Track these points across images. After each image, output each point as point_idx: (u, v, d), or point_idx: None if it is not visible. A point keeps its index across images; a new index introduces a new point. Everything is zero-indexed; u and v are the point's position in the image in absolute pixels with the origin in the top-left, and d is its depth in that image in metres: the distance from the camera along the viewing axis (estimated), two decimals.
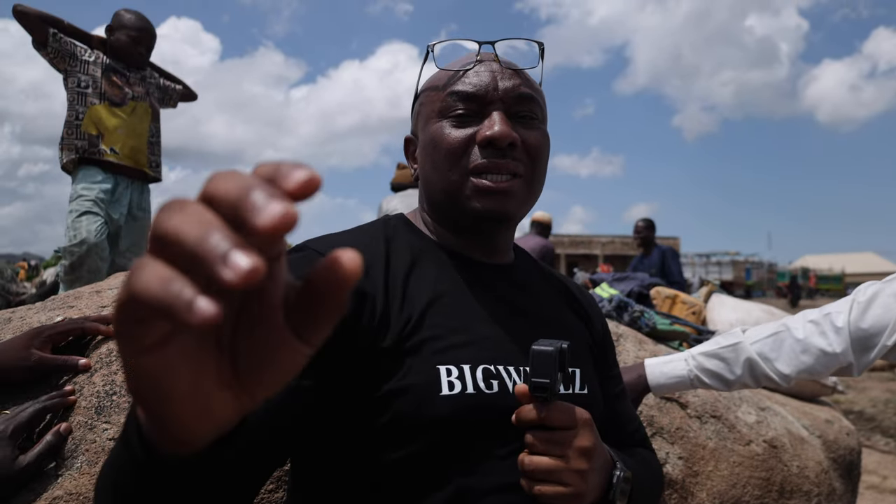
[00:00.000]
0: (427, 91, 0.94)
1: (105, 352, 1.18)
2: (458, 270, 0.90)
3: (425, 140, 0.91)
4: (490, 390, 0.79)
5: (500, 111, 0.87)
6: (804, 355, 1.29)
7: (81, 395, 1.10)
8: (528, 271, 1.01)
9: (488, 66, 0.90)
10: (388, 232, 0.91)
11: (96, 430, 1.05)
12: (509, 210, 0.87)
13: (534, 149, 0.89)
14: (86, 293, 1.48)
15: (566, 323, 0.99)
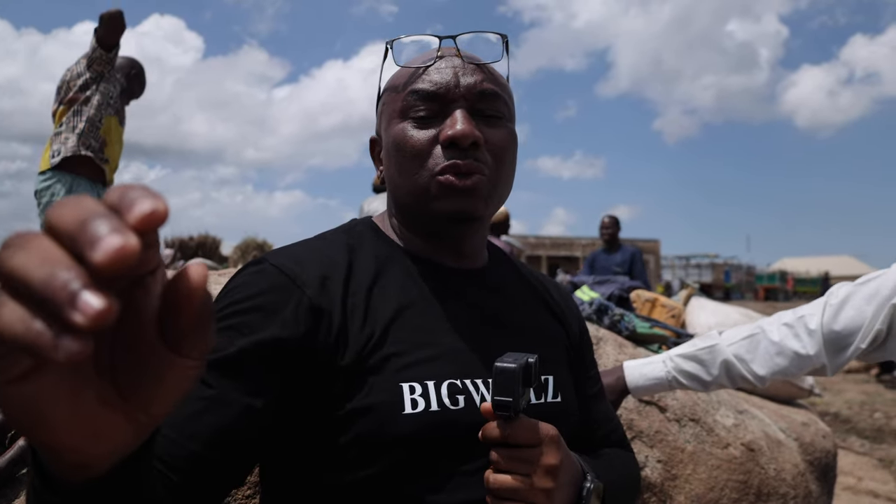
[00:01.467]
0: (388, 91, 0.91)
1: None
2: (426, 278, 0.87)
3: (389, 142, 0.88)
4: (455, 406, 0.78)
5: (462, 109, 0.83)
6: (779, 357, 1.32)
7: None
8: (501, 274, 0.98)
9: (450, 61, 0.87)
10: (351, 240, 0.88)
11: None
12: (475, 209, 0.84)
13: (498, 148, 0.86)
14: None
15: (541, 326, 0.97)
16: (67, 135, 3.34)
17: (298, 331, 0.75)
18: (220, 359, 0.71)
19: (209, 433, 0.69)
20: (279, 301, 0.76)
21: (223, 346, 0.73)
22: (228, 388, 0.70)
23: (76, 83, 3.41)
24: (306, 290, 0.77)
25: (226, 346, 0.73)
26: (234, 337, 0.73)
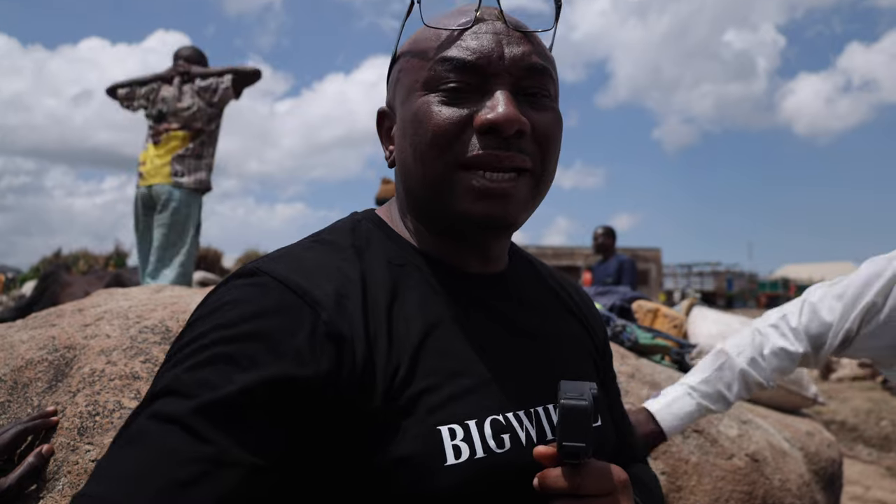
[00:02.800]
0: (411, 54, 0.75)
1: (87, 372, 1.17)
2: (448, 289, 0.74)
3: (406, 117, 0.73)
4: (502, 448, 0.65)
5: (505, 88, 0.69)
6: (775, 358, 1.38)
7: (64, 416, 1.09)
8: (523, 276, 0.86)
9: (491, 26, 0.71)
10: (357, 241, 0.75)
11: (79, 452, 1.04)
12: (510, 216, 0.71)
13: (545, 137, 0.72)
14: (68, 311, 1.47)
15: (572, 337, 0.85)
16: (197, 163, 3.83)
17: (317, 366, 0.59)
18: (214, 401, 0.55)
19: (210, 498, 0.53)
20: (288, 327, 0.60)
21: (216, 382, 0.56)
22: (228, 443, 0.54)
23: (202, 115, 3.88)
24: (322, 312, 0.62)
25: (220, 384, 0.56)
26: (231, 371, 0.57)
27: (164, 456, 0.53)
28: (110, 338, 1.28)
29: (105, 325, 1.34)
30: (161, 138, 3.84)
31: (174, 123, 3.85)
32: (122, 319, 1.35)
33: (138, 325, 1.33)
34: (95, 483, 0.53)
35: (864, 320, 1.28)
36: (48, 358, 1.23)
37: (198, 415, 0.54)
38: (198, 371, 0.57)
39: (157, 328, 1.31)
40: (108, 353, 1.22)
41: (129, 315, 1.38)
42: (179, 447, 0.53)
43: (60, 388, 1.16)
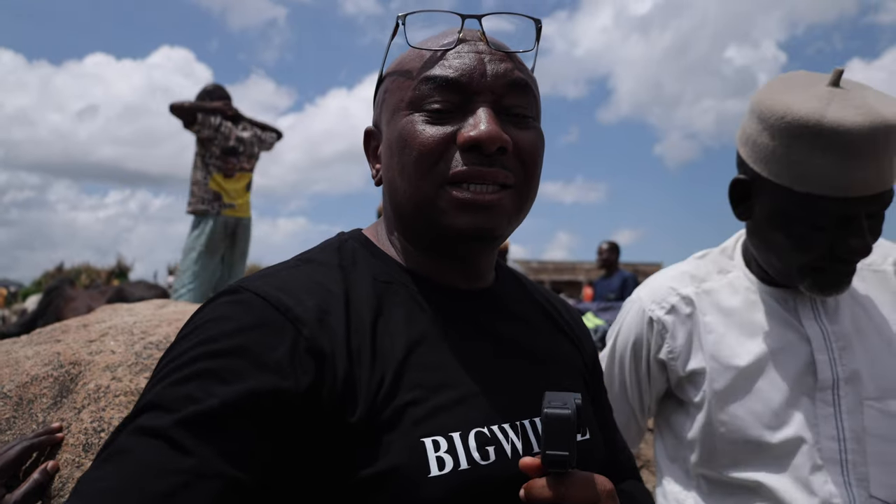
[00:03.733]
0: (396, 74, 0.77)
1: (93, 388, 1.18)
2: (434, 305, 0.75)
3: (391, 137, 0.75)
4: (486, 461, 0.66)
5: (487, 106, 0.71)
6: None
7: (69, 433, 1.09)
8: (510, 292, 0.87)
9: (474, 46, 0.73)
10: (343, 260, 0.76)
11: (84, 468, 1.04)
12: (495, 228, 0.72)
13: (528, 153, 0.73)
14: (73, 327, 1.48)
15: (559, 353, 0.86)
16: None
17: (297, 380, 0.60)
18: (196, 414, 0.56)
19: None
20: (269, 342, 0.61)
21: (199, 396, 0.57)
22: (209, 455, 0.55)
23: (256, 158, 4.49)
24: (302, 328, 0.64)
25: (203, 397, 0.57)
26: (214, 385, 0.58)
27: (145, 469, 0.54)
28: (115, 353, 1.28)
29: (110, 340, 1.34)
30: (235, 174, 4.34)
31: (246, 164, 4.42)
32: (127, 335, 1.36)
33: (143, 340, 1.33)
34: (77, 499, 0.54)
35: None
36: (53, 374, 1.23)
37: (180, 427, 0.55)
38: (182, 386, 0.58)
39: (161, 344, 1.32)
40: (113, 368, 1.23)
41: (133, 331, 1.38)
42: (161, 460, 0.54)
43: (66, 405, 1.16)
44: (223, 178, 4.24)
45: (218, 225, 4.17)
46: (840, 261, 1.02)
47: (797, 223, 1.01)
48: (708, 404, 1.13)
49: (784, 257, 1.07)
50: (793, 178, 0.99)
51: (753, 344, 1.12)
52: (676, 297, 1.22)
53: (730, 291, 1.19)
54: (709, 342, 1.16)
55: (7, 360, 1.30)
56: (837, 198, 0.96)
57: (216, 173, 4.22)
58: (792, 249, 1.04)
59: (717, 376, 1.13)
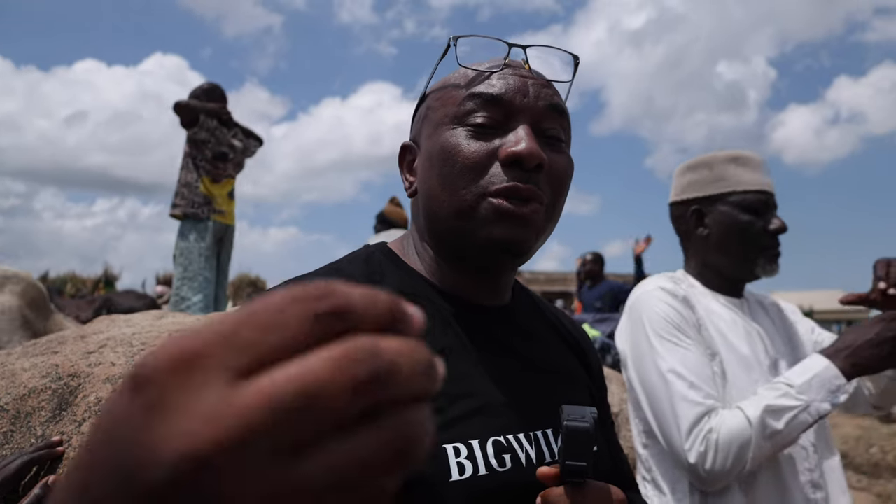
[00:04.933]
0: (441, 91, 0.81)
1: (93, 400, 1.16)
2: (459, 320, 0.78)
3: (433, 149, 0.78)
4: (503, 467, 0.69)
5: (527, 125, 0.75)
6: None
7: (70, 447, 1.07)
8: (526, 311, 0.91)
9: (517, 71, 0.78)
10: (371, 272, 0.79)
11: None
12: (528, 241, 0.75)
13: (559, 176, 0.78)
14: (70, 338, 1.46)
15: (570, 369, 0.90)
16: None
17: None
18: None
19: None
20: None
21: None
22: None
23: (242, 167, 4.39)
24: None
25: None
26: None
27: None
28: (115, 365, 1.26)
29: (109, 352, 1.32)
30: (222, 179, 4.22)
31: (232, 170, 4.30)
32: (127, 346, 1.34)
33: (143, 352, 1.31)
34: None
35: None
36: (52, 386, 1.21)
37: None
38: None
39: None
40: (113, 381, 1.21)
41: (133, 342, 1.36)
42: None
43: (65, 418, 1.14)
44: (211, 182, 4.11)
45: (211, 233, 4.04)
46: (772, 236, 1.42)
47: (742, 214, 1.42)
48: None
49: (742, 248, 1.42)
50: (733, 184, 1.44)
51: (734, 336, 1.39)
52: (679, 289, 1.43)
53: (702, 297, 1.45)
54: (709, 329, 1.38)
55: (3, 373, 1.28)
56: (761, 191, 1.43)
57: (205, 177, 4.09)
58: (745, 238, 1.41)
59: (722, 354, 1.35)
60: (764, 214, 1.42)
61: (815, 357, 1.25)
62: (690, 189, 1.50)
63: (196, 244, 3.95)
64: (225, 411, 0.21)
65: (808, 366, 1.24)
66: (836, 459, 1.40)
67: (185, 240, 3.96)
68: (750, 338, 1.40)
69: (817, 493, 1.31)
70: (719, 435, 1.19)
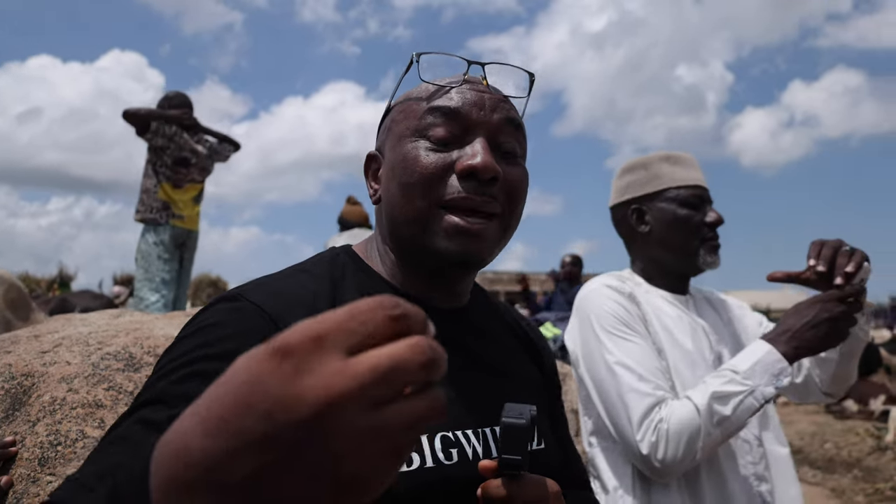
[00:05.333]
0: (404, 105, 0.84)
1: (48, 400, 1.14)
2: None
3: (395, 160, 0.81)
4: (450, 461, 0.73)
5: (483, 139, 0.78)
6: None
7: (23, 447, 1.05)
8: (483, 312, 0.94)
9: (476, 86, 0.82)
10: (334, 272, 0.82)
11: (40, 483, 1.00)
12: (481, 254, 0.79)
13: (514, 187, 0.81)
14: (23, 337, 1.43)
15: (523, 369, 0.94)
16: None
17: None
18: None
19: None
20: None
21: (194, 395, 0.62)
22: None
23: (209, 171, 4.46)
24: None
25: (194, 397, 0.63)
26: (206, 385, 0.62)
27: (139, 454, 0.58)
28: (70, 364, 1.24)
29: (64, 351, 1.30)
30: (185, 184, 4.27)
31: (197, 175, 4.34)
32: (83, 346, 1.32)
33: (100, 351, 1.29)
34: (89, 462, 0.61)
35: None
36: (4, 386, 1.19)
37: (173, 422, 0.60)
38: (181, 384, 0.64)
39: (120, 355, 1.28)
40: (69, 380, 1.19)
41: (89, 341, 1.34)
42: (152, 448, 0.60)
43: (19, 418, 1.12)
44: (172, 187, 4.20)
45: (171, 238, 4.16)
46: (710, 228, 1.46)
47: (680, 208, 1.46)
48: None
49: (683, 241, 1.46)
50: (668, 181, 1.49)
51: (679, 332, 1.42)
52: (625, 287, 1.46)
53: (647, 294, 1.48)
54: (654, 325, 1.41)
55: None
56: (696, 185, 1.49)
57: (165, 182, 4.18)
58: (685, 231, 1.45)
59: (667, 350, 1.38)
60: (701, 208, 1.48)
61: (757, 342, 1.28)
62: (629, 190, 1.55)
63: (154, 248, 4.09)
64: (345, 373, 0.31)
65: (751, 351, 1.26)
66: (784, 451, 1.42)
67: (145, 243, 4.10)
68: (695, 333, 1.43)
69: (762, 485, 1.33)
70: (669, 425, 1.21)
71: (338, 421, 0.31)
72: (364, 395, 0.32)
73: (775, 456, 1.41)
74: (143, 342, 1.33)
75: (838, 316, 1.22)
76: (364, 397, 0.32)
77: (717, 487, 1.29)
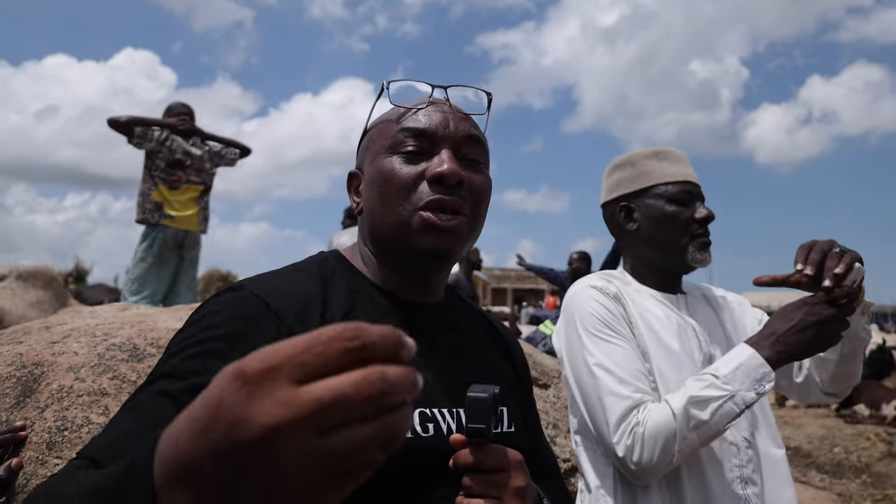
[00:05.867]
0: (378, 126, 0.96)
1: (56, 388, 1.20)
2: (394, 314, 0.91)
3: (373, 175, 0.92)
4: (426, 434, 0.82)
5: (449, 150, 0.90)
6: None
7: (33, 431, 1.11)
8: (455, 310, 1.04)
9: (440, 107, 0.94)
10: (324, 271, 0.92)
11: (48, 465, 1.06)
12: (453, 248, 0.89)
13: (478, 190, 0.92)
14: (35, 328, 1.49)
15: (494, 362, 1.03)
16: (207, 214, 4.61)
17: None
18: (198, 384, 0.68)
19: None
20: (258, 329, 0.77)
21: (201, 370, 0.72)
22: None
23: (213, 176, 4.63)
24: (285, 319, 0.80)
25: (205, 371, 0.72)
26: (214, 362, 0.72)
27: (155, 419, 0.67)
28: (78, 355, 1.30)
29: (73, 342, 1.36)
30: (181, 186, 4.43)
31: (194, 177, 4.50)
32: (90, 337, 1.38)
33: (106, 342, 1.35)
34: (102, 433, 0.70)
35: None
36: (16, 374, 1.25)
37: (186, 393, 0.69)
38: (191, 361, 0.74)
39: (124, 346, 1.34)
40: (76, 369, 1.25)
41: (96, 333, 1.40)
42: (169, 414, 0.66)
43: (29, 404, 1.18)
44: (168, 189, 4.39)
45: (168, 237, 4.35)
46: (700, 224, 1.44)
47: (668, 205, 1.45)
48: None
49: (671, 238, 1.44)
50: (657, 177, 1.48)
51: (665, 332, 1.39)
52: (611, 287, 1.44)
53: (636, 294, 1.47)
54: (639, 326, 1.39)
55: None
56: (685, 181, 1.47)
57: (161, 184, 4.38)
58: (672, 227, 1.43)
59: (651, 352, 1.36)
60: (690, 204, 1.45)
61: (741, 346, 1.27)
62: (618, 188, 1.54)
63: (145, 251, 4.31)
64: (289, 403, 0.35)
65: (734, 355, 1.25)
66: (779, 453, 1.39)
67: (140, 244, 4.34)
68: (683, 333, 1.40)
69: (748, 488, 1.31)
70: (645, 428, 1.21)
71: (283, 444, 0.35)
72: (307, 423, 0.35)
73: (769, 457, 1.38)
74: (147, 334, 1.39)
75: (826, 319, 1.20)
76: (307, 425, 0.35)
77: (699, 489, 1.28)
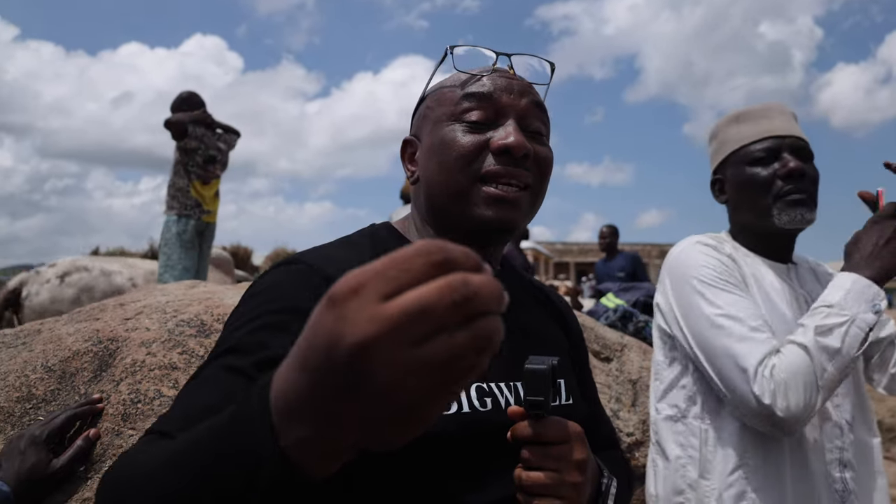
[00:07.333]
0: (438, 92, 0.93)
1: (129, 362, 1.25)
2: None
3: (433, 142, 0.89)
4: (484, 408, 0.81)
5: (514, 120, 0.87)
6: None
7: (109, 403, 1.17)
8: (511, 282, 1.00)
9: (504, 74, 0.90)
10: (376, 244, 0.91)
11: (123, 436, 1.11)
12: (516, 220, 0.87)
13: (543, 163, 0.90)
14: (110, 306, 1.56)
15: (549, 333, 1.01)
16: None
17: None
18: (267, 357, 0.70)
19: None
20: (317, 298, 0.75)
21: (269, 343, 0.72)
22: None
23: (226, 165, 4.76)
24: None
25: (271, 344, 0.72)
26: (278, 335, 0.72)
27: (227, 395, 0.67)
28: (150, 331, 1.35)
29: (145, 318, 1.42)
30: (211, 181, 4.57)
31: (220, 171, 4.67)
32: (161, 314, 1.43)
33: (175, 318, 1.40)
34: (172, 409, 0.71)
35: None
36: (93, 349, 1.31)
37: (254, 367, 0.70)
38: (254, 335, 0.74)
39: (192, 322, 1.39)
40: (148, 344, 1.30)
41: (166, 310, 1.45)
42: (239, 389, 0.67)
43: (105, 378, 1.24)
44: (201, 184, 4.52)
45: (194, 230, 4.50)
46: (785, 180, 1.35)
47: (746, 168, 1.39)
48: None
49: (754, 201, 1.38)
50: (734, 143, 1.43)
51: (779, 299, 1.35)
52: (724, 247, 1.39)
53: (746, 257, 1.42)
54: (753, 288, 1.34)
55: (51, 337, 1.38)
56: (764, 137, 1.40)
57: (195, 180, 4.49)
58: (752, 190, 1.38)
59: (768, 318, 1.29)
60: (769, 162, 1.37)
61: (839, 275, 1.23)
62: (712, 163, 1.52)
63: (178, 237, 4.42)
64: (375, 317, 0.35)
65: (837, 285, 1.22)
66: (875, 441, 1.35)
67: (169, 232, 4.43)
68: (796, 302, 1.36)
69: (845, 472, 1.27)
70: (786, 371, 1.15)
71: (378, 359, 0.35)
72: (398, 335, 0.35)
73: (864, 444, 1.34)
74: (214, 310, 1.43)
75: None
76: (398, 337, 0.35)
77: (799, 469, 1.24)
